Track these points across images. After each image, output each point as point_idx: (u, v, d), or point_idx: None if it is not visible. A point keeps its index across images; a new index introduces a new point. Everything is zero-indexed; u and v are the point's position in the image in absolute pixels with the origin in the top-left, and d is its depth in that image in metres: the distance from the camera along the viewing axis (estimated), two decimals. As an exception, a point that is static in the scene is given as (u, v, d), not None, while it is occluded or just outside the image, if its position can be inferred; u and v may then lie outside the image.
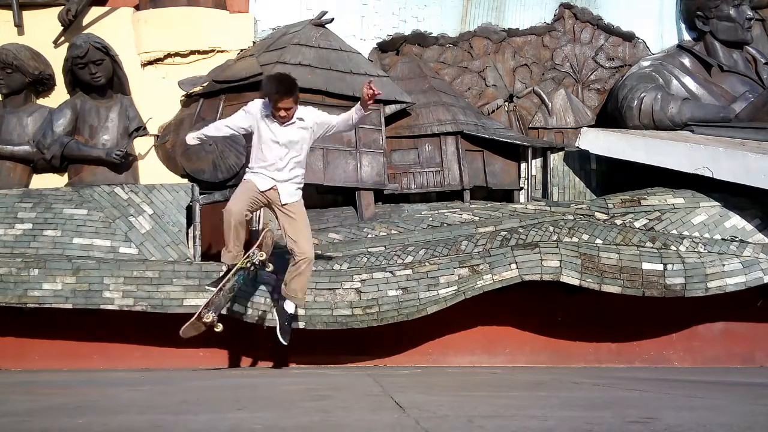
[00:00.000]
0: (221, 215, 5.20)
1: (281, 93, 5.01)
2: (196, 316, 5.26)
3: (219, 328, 5.31)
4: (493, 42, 7.93)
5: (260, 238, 5.42)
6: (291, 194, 5.22)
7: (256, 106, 5.21)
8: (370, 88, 5.03)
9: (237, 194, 5.22)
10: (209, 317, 5.24)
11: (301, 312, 5.91)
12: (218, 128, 5.42)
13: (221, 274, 5.37)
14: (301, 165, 5.28)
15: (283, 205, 5.20)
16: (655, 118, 7.34)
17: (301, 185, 5.33)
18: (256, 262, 5.36)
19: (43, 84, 7.22)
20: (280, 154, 5.13)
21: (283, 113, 5.06)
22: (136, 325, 6.18)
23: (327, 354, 6.27)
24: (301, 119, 5.15)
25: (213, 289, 5.27)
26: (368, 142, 6.98)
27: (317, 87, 6.83)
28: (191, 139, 5.46)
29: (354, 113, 5.22)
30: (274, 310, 5.51)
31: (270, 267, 5.46)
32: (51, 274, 5.93)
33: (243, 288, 5.80)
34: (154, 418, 2.42)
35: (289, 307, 5.36)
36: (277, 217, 5.35)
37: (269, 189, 5.17)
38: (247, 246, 5.42)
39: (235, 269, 5.29)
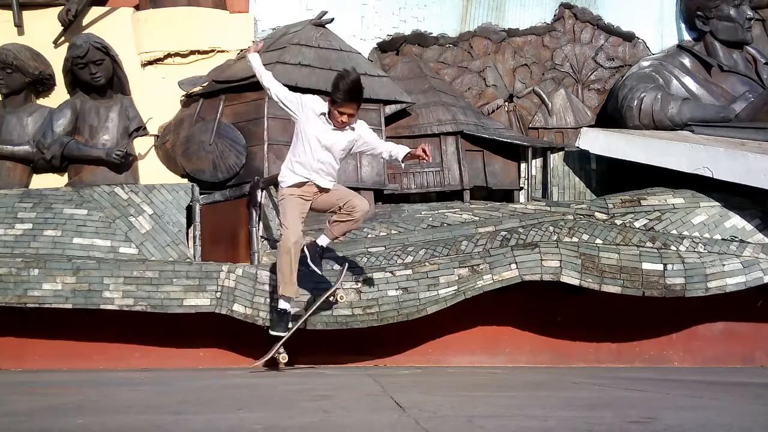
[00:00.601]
0: (279, 250, 5.04)
1: (351, 99, 4.87)
2: (271, 356, 5.30)
3: (285, 359, 5.38)
4: (493, 42, 7.94)
5: (340, 278, 5.46)
6: (328, 183, 5.14)
7: (313, 101, 5.05)
8: (424, 152, 5.00)
9: (288, 217, 5.02)
10: (284, 357, 5.35)
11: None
12: (274, 86, 5.16)
13: (288, 311, 5.22)
14: (335, 170, 5.19)
15: (322, 190, 5.11)
16: (655, 118, 7.34)
17: (335, 181, 5.27)
18: (333, 301, 5.46)
19: (43, 84, 7.23)
20: (318, 155, 5.00)
21: (345, 119, 4.91)
22: (136, 325, 6.18)
23: (327, 354, 6.26)
24: (352, 129, 5.04)
25: (288, 331, 5.24)
26: (368, 141, 6.97)
27: (317, 87, 6.82)
28: (251, 60, 5.23)
29: (396, 156, 5.13)
30: (305, 247, 5.30)
31: (340, 301, 5.56)
32: (51, 274, 5.93)
33: (244, 288, 5.87)
34: (154, 418, 2.42)
35: (323, 240, 5.33)
36: (317, 209, 5.27)
37: (306, 182, 5.06)
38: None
39: (314, 308, 5.38)
